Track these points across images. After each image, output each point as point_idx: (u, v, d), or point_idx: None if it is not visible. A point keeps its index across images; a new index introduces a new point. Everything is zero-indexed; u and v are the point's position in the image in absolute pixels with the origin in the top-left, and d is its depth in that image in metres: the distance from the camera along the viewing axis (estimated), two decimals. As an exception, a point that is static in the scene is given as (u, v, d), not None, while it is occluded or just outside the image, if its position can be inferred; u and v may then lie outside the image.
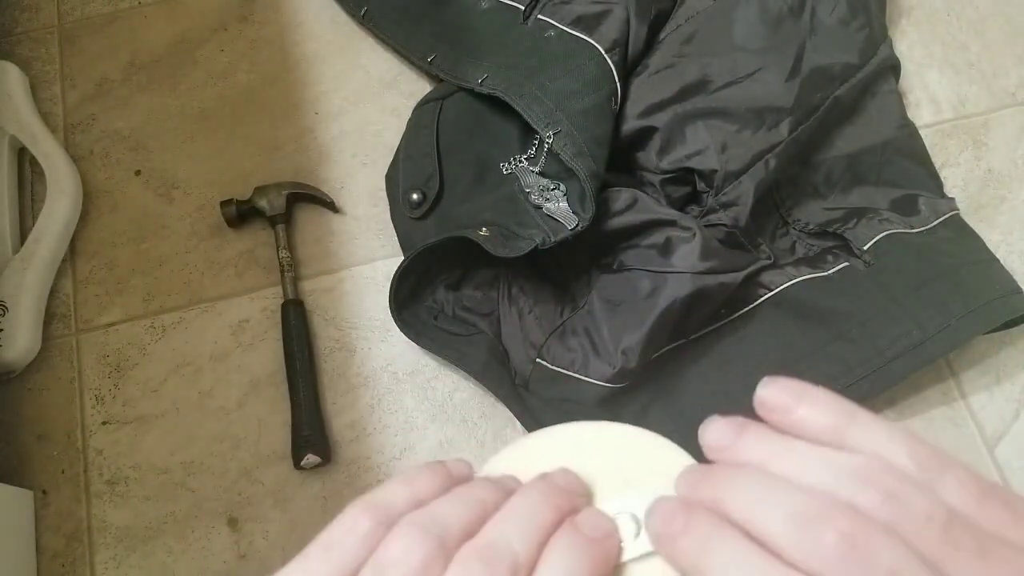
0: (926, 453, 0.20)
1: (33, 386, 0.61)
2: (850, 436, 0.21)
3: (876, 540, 0.19)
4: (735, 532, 0.20)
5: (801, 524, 0.19)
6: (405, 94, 0.68)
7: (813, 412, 0.21)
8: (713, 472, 0.22)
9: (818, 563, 0.18)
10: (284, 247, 0.62)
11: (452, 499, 0.22)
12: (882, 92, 0.65)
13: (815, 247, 0.61)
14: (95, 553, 0.56)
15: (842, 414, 0.21)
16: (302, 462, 0.56)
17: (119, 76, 0.70)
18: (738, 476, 0.21)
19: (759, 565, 0.19)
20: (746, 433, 0.22)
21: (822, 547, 0.18)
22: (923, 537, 0.19)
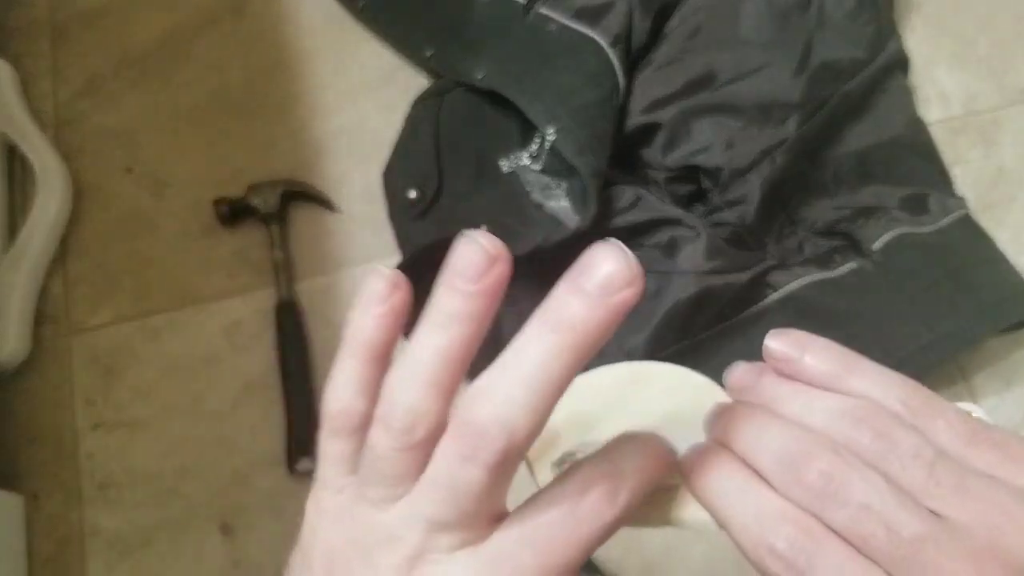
0: (919, 398, 0.22)
1: (23, 389, 0.60)
2: (849, 382, 0.23)
3: (852, 476, 0.21)
4: (733, 462, 0.23)
5: (788, 461, 0.22)
6: (403, 89, 0.67)
7: (816, 361, 0.24)
8: (728, 411, 0.24)
9: (799, 495, 0.21)
10: (278, 246, 0.61)
11: None
12: (891, 88, 0.64)
13: (823, 246, 0.60)
14: (87, 559, 0.55)
15: (842, 362, 0.23)
16: (297, 466, 0.55)
17: (110, 72, 0.69)
18: (745, 415, 0.23)
19: (747, 489, 0.22)
20: (762, 378, 0.24)
21: (803, 482, 0.21)
22: (908, 473, 0.21)
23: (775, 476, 0.22)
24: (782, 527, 0.21)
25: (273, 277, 0.61)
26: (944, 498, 0.21)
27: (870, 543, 0.20)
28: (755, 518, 0.22)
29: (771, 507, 0.21)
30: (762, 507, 0.22)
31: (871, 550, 0.20)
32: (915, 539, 0.20)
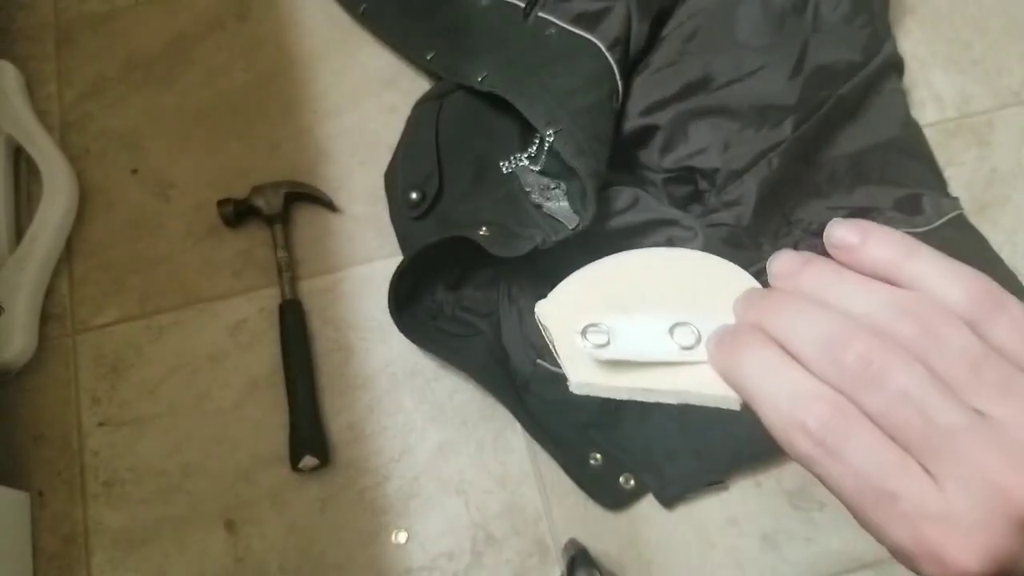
0: (983, 291, 0.21)
1: (29, 387, 0.60)
2: (907, 271, 0.22)
3: (893, 361, 0.20)
4: (769, 344, 0.22)
5: (825, 343, 0.21)
6: (404, 92, 0.68)
7: (877, 247, 0.22)
8: (765, 295, 0.23)
9: (835, 377, 0.21)
10: (282, 247, 0.62)
11: None
12: (886, 90, 0.65)
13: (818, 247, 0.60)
14: (92, 555, 0.56)
15: (903, 250, 0.22)
16: (300, 464, 0.55)
17: (115, 74, 0.69)
18: (783, 300, 0.23)
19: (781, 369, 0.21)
20: (808, 265, 0.23)
21: (840, 364, 0.20)
22: (950, 367, 0.20)
23: (811, 358, 0.21)
24: (814, 406, 0.21)
25: (276, 277, 0.61)
26: (987, 396, 0.20)
27: (904, 430, 0.20)
28: (787, 397, 0.21)
29: (805, 387, 0.21)
30: (796, 387, 0.21)
31: (904, 437, 0.20)
32: (951, 429, 0.20)
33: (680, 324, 0.24)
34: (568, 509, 0.56)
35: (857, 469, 0.20)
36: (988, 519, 0.20)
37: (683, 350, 0.24)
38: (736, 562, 0.55)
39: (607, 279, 0.27)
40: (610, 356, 0.25)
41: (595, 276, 0.27)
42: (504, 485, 0.57)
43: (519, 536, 0.56)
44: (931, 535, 0.20)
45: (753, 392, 0.22)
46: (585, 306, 0.26)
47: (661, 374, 0.25)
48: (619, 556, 0.55)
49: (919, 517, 0.20)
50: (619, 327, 0.25)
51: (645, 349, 0.25)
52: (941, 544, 0.20)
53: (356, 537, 0.56)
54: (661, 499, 0.56)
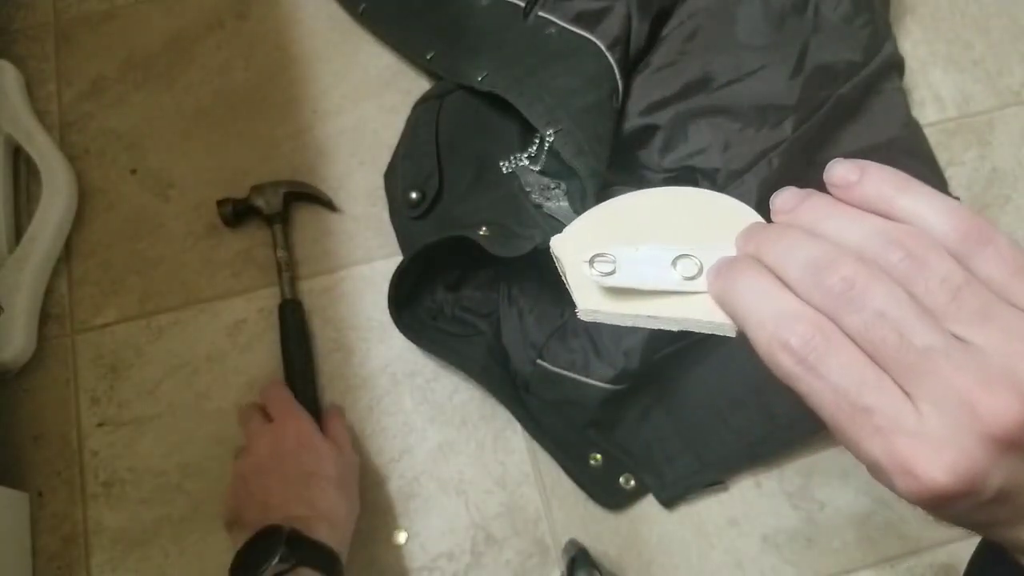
0: (970, 224, 0.22)
1: (29, 387, 0.60)
2: (900, 205, 0.23)
3: (873, 284, 0.21)
4: (760, 271, 0.23)
5: (812, 268, 0.22)
6: (404, 92, 0.68)
7: (871, 184, 0.23)
8: (763, 228, 0.25)
9: (819, 299, 0.22)
10: (282, 246, 0.62)
11: None
12: (886, 90, 0.64)
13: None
14: (91, 555, 0.56)
15: (897, 185, 0.23)
16: None
17: (115, 74, 0.69)
18: (778, 231, 0.24)
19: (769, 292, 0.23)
20: (806, 200, 0.24)
21: (824, 287, 0.22)
22: (932, 293, 0.21)
23: (798, 281, 0.22)
24: (797, 325, 0.22)
25: (276, 277, 0.61)
26: (966, 321, 0.21)
27: (881, 349, 0.21)
28: (772, 316, 0.22)
29: (789, 307, 0.22)
30: (781, 307, 0.22)
31: (882, 356, 0.21)
32: (926, 349, 0.21)
33: (684, 256, 0.26)
34: (568, 509, 0.56)
35: (835, 385, 0.21)
36: (958, 436, 0.20)
37: (685, 280, 0.25)
38: (736, 562, 0.55)
39: (620, 214, 0.28)
40: (615, 283, 0.26)
41: (608, 212, 0.28)
42: (504, 485, 0.57)
43: (519, 536, 0.56)
44: (903, 449, 0.21)
45: (743, 314, 0.24)
46: (596, 239, 0.27)
47: (663, 302, 0.26)
48: (619, 556, 0.55)
49: (893, 432, 0.21)
50: (625, 256, 0.26)
51: (648, 277, 0.26)
52: (913, 458, 0.21)
53: (356, 537, 0.56)
54: (661, 499, 0.56)
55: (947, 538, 0.56)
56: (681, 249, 0.26)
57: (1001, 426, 0.20)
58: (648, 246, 0.26)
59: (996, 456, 0.21)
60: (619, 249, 0.27)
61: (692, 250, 0.26)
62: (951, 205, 0.23)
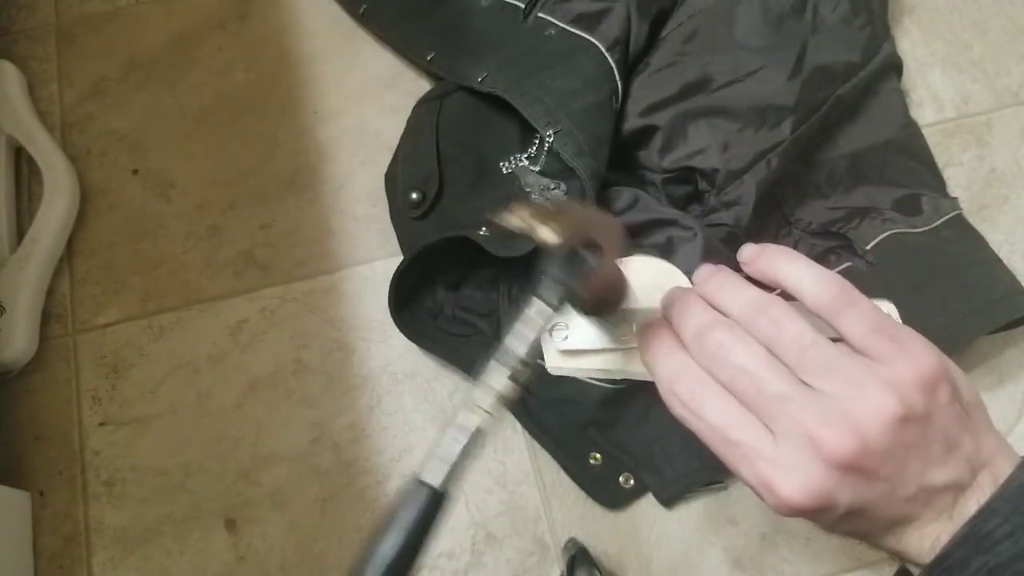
0: (839, 290, 0.28)
1: (30, 387, 0.60)
2: (785, 273, 0.30)
3: (737, 346, 0.28)
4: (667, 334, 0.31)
5: (697, 332, 0.29)
6: (405, 93, 0.68)
7: (765, 259, 0.31)
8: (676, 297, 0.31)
9: (700, 357, 0.29)
10: None
11: None
12: (884, 91, 0.65)
13: (817, 247, 0.60)
14: (92, 555, 0.56)
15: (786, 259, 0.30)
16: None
17: (117, 75, 0.70)
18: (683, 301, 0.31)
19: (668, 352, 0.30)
20: (713, 276, 0.31)
21: (703, 348, 0.29)
22: (787, 350, 0.27)
23: (689, 344, 0.29)
24: (683, 378, 0.29)
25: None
26: (813, 372, 0.27)
27: (744, 396, 0.28)
28: (667, 371, 0.29)
29: (679, 364, 0.29)
30: (674, 363, 0.29)
31: (747, 402, 0.28)
32: (778, 396, 0.27)
33: (622, 320, 0.33)
34: (568, 508, 0.56)
35: (712, 424, 0.28)
36: (804, 462, 0.26)
37: (622, 339, 0.32)
38: (735, 561, 0.55)
39: None
40: (568, 347, 0.33)
41: None
42: (504, 484, 0.57)
43: (519, 535, 0.56)
44: (764, 473, 0.27)
45: (651, 368, 0.30)
46: None
47: (609, 358, 0.33)
48: (619, 555, 0.55)
49: (756, 459, 0.27)
50: (575, 325, 0.34)
51: (593, 341, 0.33)
52: (771, 479, 0.26)
53: (357, 536, 0.56)
54: (660, 498, 0.56)
55: (945, 537, 0.56)
56: (619, 313, 0.33)
57: (838, 455, 0.26)
58: None
59: (838, 479, 0.26)
60: (572, 318, 0.33)
61: (629, 312, 0.33)
62: (825, 275, 0.29)
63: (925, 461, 0.26)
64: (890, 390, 0.26)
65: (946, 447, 0.27)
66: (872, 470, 0.26)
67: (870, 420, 0.26)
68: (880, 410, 0.26)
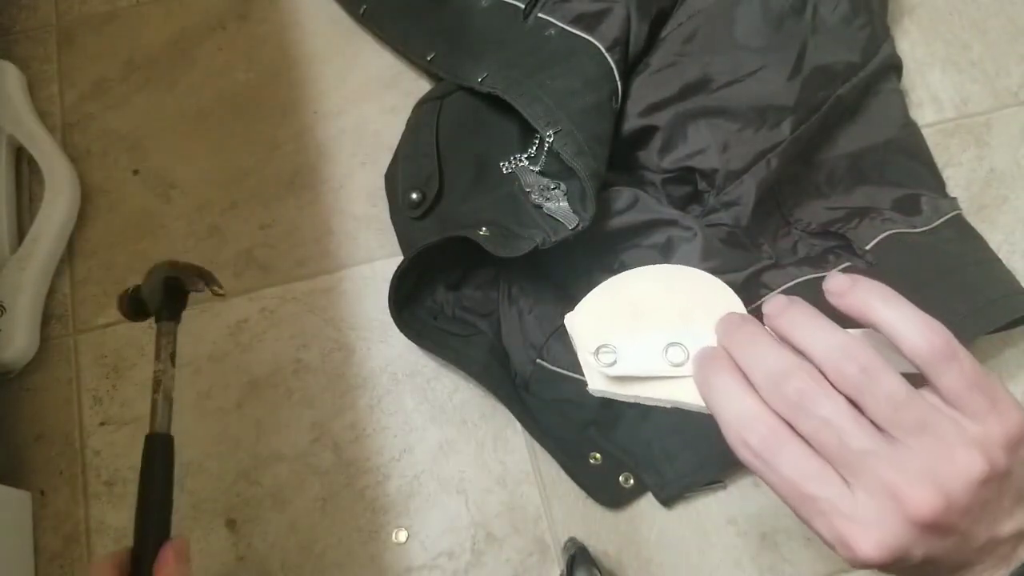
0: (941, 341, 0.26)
1: (31, 387, 0.60)
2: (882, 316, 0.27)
3: (820, 395, 0.26)
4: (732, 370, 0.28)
5: (773, 377, 0.27)
6: (404, 93, 0.68)
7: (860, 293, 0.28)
8: (737, 327, 0.30)
9: (777, 403, 0.27)
10: (164, 358, 0.44)
11: None
12: (884, 91, 0.65)
13: (817, 247, 0.60)
14: (93, 554, 0.56)
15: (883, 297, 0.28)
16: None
17: (117, 75, 0.70)
18: (752, 334, 0.29)
19: (735, 393, 0.28)
20: (788, 309, 0.29)
21: (781, 394, 0.27)
22: (879, 404, 0.26)
23: (761, 386, 0.28)
24: (755, 426, 0.27)
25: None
26: (905, 429, 0.26)
27: (825, 448, 0.26)
28: (736, 416, 0.28)
29: (750, 410, 0.27)
30: (743, 409, 0.27)
31: (827, 454, 0.26)
32: (863, 451, 0.26)
33: (673, 344, 0.30)
34: (568, 508, 0.56)
35: (785, 477, 0.27)
36: (885, 519, 0.26)
37: (674, 366, 0.30)
38: (735, 561, 0.55)
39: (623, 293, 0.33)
40: (616, 373, 0.31)
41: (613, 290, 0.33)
42: (504, 484, 0.57)
43: (519, 535, 0.56)
44: (842, 528, 0.26)
45: (715, 409, 0.29)
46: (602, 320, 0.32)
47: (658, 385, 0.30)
48: (618, 555, 0.55)
49: (833, 514, 0.26)
50: (624, 348, 0.31)
51: (643, 367, 0.30)
52: (849, 535, 0.26)
53: (357, 536, 0.56)
54: (660, 498, 0.56)
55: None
56: (671, 337, 0.31)
57: (921, 514, 0.25)
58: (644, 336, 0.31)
59: (917, 536, 0.26)
60: (620, 339, 0.31)
61: (680, 337, 0.30)
62: (927, 322, 0.27)
63: (997, 514, 0.26)
64: (978, 450, 0.26)
65: (1016, 499, 0.27)
66: (951, 526, 0.26)
67: (956, 480, 0.25)
68: (967, 470, 0.25)
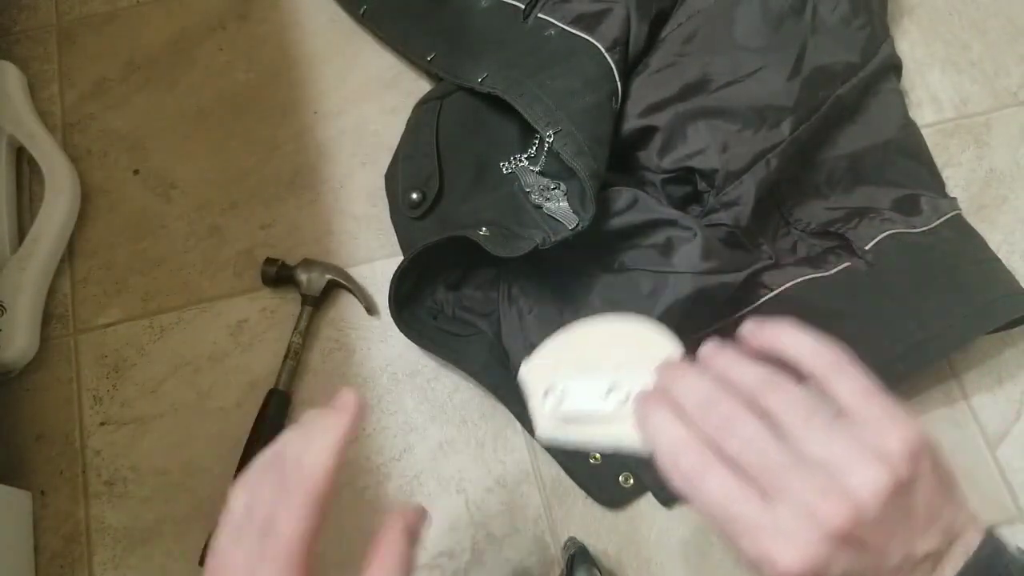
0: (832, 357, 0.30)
1: (31, 386, 0.61)
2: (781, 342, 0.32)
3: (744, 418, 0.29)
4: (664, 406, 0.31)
5: (702, 405, 0.30)
6: (405, 93, 0.68)
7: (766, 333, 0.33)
8: (672, 367, 0.33)
9: (708, 428, 0.30)
10: (300, 331, 0.59)
11: None
12: (884, 91, 0.65)
13: (816, 247, 0.61)
14: (93, 554, 0.56)
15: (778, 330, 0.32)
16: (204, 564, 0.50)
17: (117, 75, 0.70)
18: (681, 372, 0.32)
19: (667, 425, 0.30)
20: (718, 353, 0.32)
21: (710, 420, 0.30)
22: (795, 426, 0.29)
23: (694, 415, 0.30)
24: (686, 452, 0.29)
25: (281, 359, 0.59)
26: (816, 443, 0.28)
27: (751, 468, 0.28)
28: (670, 444, 0.30)
29: (682, 438, 0.30)
30: (676, 437, 0.30)
31: (752, 473, 0.28)
32: (780, 466, 0.28)
33: (614, 388, 0.33)
34: (568, 508, 0.57)
35: (712, 499, 0.29)
36: (802, 533, 0.27)
37: (616, 407, 0.33)
38: (734, 560, 0.55)
39: (572, 345, 0.36)
40: (561, 411, 0.33)
41: (564, 341, 0.36)
42: (504, 484, 0.57)
43: (519, 534, 0.56)
44: (764, 543, 0.28)
45: (651, 440, 0.31)
46: (552, 370, 0.35)
47: (600, 429, 0.33)
48: (618, 554, 0.55)
49: (756, 531, 0.28)
50: (569, 390, 0.34)
51: (586, 407, 0.33)
52: (771, 550, 0.27)
53: (357, 535, 0.56)
54: (660, 498, 0.56)
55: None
56: (613, 382, 0.33)
57: (835, 526, 0.27)
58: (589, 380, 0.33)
59: (833, 549, 0.27)
60: (566, 383, 0.34)
61: (622, 379, 0.33)
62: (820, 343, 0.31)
63: (910, 531, 0.28)
64: (880, 461, 0.27)
65: (928, 517, 0.29)
66: (864, 539, 0.27)
67: (863, 491, 0.27)
68: (873, 481, 0.27)
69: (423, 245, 0.54)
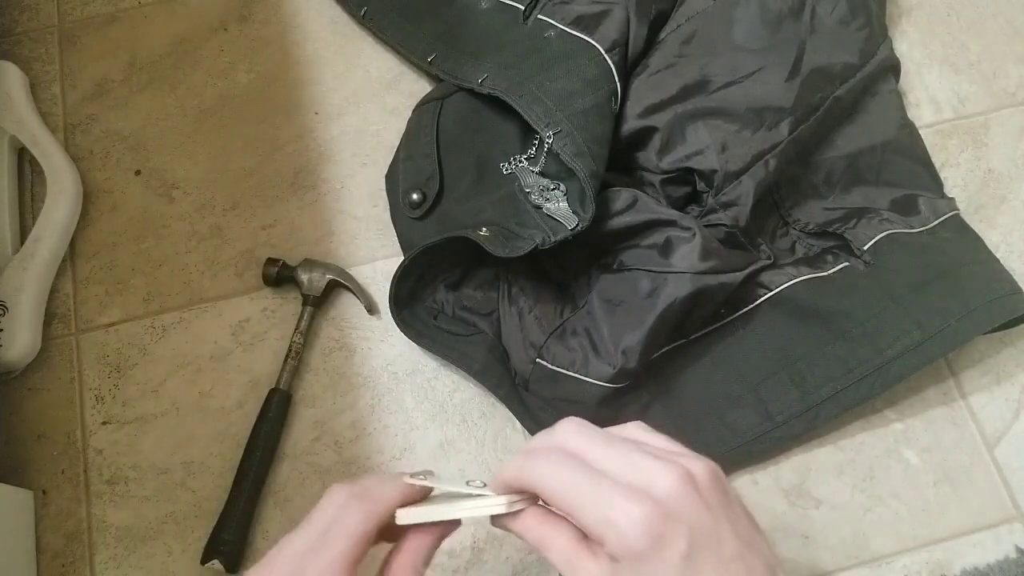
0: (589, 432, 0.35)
1: (33, 386, 0.61)
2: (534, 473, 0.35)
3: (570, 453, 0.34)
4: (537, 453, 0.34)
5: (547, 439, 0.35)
6: (405, 94, 0.68)
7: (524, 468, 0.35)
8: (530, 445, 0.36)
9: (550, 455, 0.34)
10: (301, 331, 0.60)
11: None
12: (882, 92, 0.65)
13: (815, 247, 0.61)
14: (95, 553, 0.56)
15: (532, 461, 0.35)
16: (208, 563, 0.54)
17: (119, 76, 0.70)
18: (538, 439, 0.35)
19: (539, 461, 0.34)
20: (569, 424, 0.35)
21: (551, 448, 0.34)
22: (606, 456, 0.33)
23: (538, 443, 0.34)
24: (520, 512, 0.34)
25: (282, 358, 0.59)
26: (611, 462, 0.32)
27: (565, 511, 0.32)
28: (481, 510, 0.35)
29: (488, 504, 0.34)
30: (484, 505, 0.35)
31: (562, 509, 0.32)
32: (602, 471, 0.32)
33: (472, 480, 0.37)
34: (567, 507, 0.57)
35: (534, 543, 0.34)
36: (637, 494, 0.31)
37: (475, 489, 0.36)
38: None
39: None
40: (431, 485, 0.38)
41: None
42: (504, 483, 0.57)
43: (519, 533, 0.56)
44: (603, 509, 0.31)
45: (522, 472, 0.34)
46: None
47: (457, 508, 0.36)
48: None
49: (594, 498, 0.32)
50: (437, 473, 0.39)
51: (451, 486, 0.37)
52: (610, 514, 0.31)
53: (357, 534, 0.56)
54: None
55: (942, 536, 0.56)
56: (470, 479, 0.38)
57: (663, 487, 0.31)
58: None
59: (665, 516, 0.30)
60: (435, 473, 0.39)
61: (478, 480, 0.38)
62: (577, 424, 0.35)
63: (719, 556, 0.30)
64: (674, 470, 0.31)
65: (745, 543, 0.31)
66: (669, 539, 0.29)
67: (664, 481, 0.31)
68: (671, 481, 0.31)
69: (423, 245, 0.55)
